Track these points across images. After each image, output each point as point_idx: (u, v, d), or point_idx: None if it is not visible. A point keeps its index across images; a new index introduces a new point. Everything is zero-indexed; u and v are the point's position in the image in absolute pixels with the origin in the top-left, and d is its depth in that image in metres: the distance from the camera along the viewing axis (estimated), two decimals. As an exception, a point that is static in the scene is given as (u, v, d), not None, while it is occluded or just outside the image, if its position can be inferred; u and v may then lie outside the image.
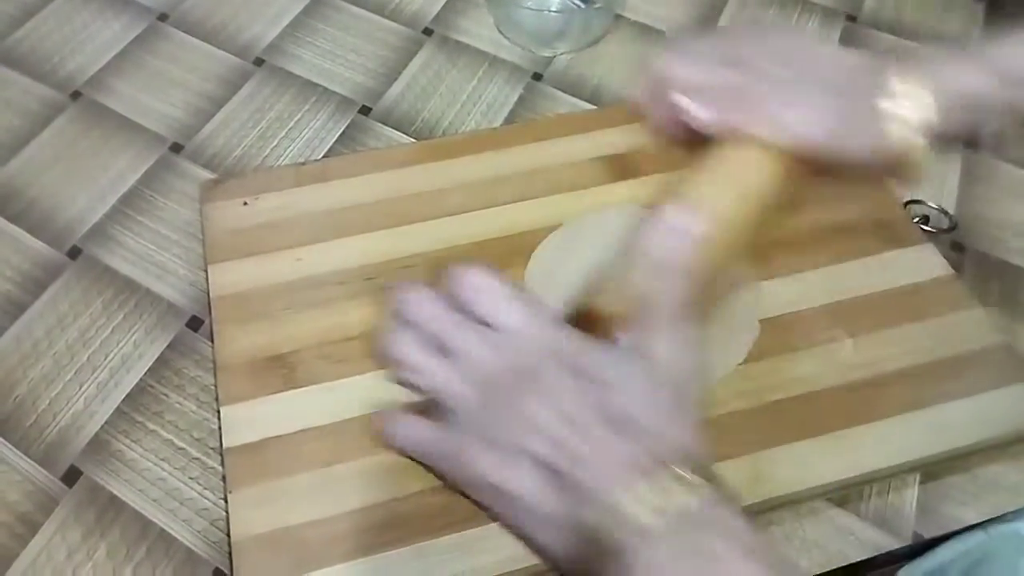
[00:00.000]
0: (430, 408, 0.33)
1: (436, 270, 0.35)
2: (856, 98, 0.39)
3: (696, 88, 0.40)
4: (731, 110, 0.40)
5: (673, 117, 0.42)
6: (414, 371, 0.33)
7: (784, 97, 0.40)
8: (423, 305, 0.34)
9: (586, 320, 0.33)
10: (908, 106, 0.37)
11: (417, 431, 0.34)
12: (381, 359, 0.34)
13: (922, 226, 0.47)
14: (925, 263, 0.45)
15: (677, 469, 0.28)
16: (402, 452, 0.34)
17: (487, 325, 0.33)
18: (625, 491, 0.27)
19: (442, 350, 0.33)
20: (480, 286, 0.34)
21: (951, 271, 0.44)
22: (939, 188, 0.50)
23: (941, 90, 0.38)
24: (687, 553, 0.26)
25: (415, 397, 0.33)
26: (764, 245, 0.45)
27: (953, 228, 0.48)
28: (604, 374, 0.31)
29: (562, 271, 0.43)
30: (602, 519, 0.27)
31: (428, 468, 0.33)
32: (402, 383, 0.34)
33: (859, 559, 0.38)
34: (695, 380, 0.32)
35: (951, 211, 0.49)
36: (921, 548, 0.39)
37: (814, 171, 0.41)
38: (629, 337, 0.32)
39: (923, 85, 0.38)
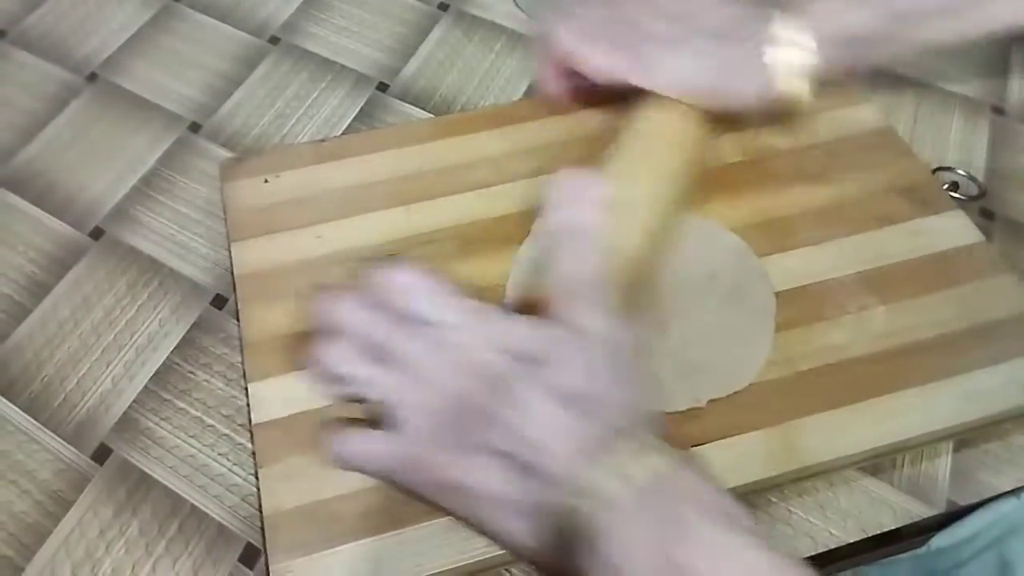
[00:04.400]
0: (376, 420, 0.31)
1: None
2: (739, 45, 0.41)
3: (583, 40, 0.43)
4: (616, 57, 0.42)
5: (565, 74, 0.44)
6: (355, 383, 0.31)
7: (665, 47, 0.41)
8: (354, 311, 0.32)
9: (528, 309, 0.33)
10: (791, 51, 0.39)
11: (369, 446, 0.31)
12: (314, 373, 0.32)
13: (951, 193, 0.46)
14: (955, 230, 0.44)
15: (634, 436, 0.28)
16: (359, 470, 0.32)
17: (423, 324, 0.32)
18: (586, 467, 0.27)
19: (380, 356, 0.31)
20: (411, 285, 0.32)
21: (981, 237, 0.44)
22: (968, 155, 0.50)
23: (824, 31, 0.39)
24: (656, 520, 0.25)
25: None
26: (792, 216, 0.44)
27: (982, 195, 0.48)
28: (545, 354, 0.30)
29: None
30: (568, 499, 0.27)
31: (386, 481, 0.32)
32: (341, 397, 0.32)
33: (893, 527, 0.38)
34: (630, 344, 0.31)
35: (980, 178, 0.48)
36: (952, 517, 0.39)
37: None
38: (559, 314, 0.31)
39: (805, 28, 0.39)
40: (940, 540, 0.38)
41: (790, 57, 0.39)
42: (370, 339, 0.32)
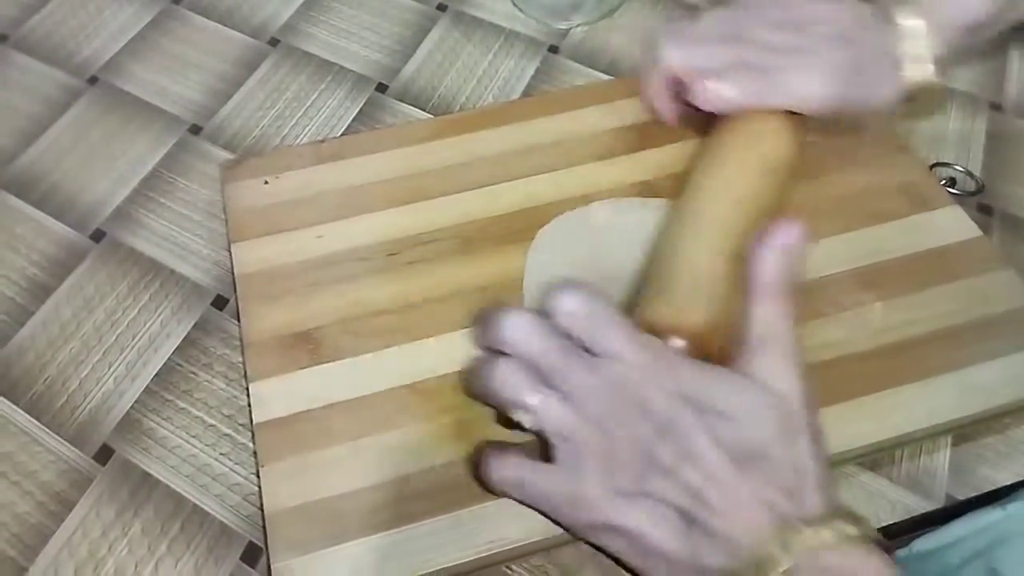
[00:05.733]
0: (537, 445, 0.31)
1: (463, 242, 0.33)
2: (866, 46, 0.40)
3: (703, 71, 0.40)
4: (744, 86, 0.40)
5: (678, 103, 0.42)
6: (522, 408, 0.31)
7: (793, 62, 0.40)
8: (529, 333, 0.31)
9: (652, 331, 0.33)
10: (920, 44, 0.39)
11: (528, 475, 0.31)
12: (480, 394, 0.32)
13: (949, 188, 0.47)
14: (953, 225, 0.44)
15: (810, 507, 0.27)
16: (509, 495, 0.32)
17: (589, 352, 0.31)
18: (759, 536, 0.26)
19: (547, 382, 0.30)
20: (578, 311, 0.31)
21: (979, 233, 0.44)
22: (965, 150, 0.50)
23: (945, 20, 0.39)
24: None
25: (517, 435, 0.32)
26: (790, 213, 0.44)
27: (980, 190, 0.48)
28: (728, 407, 0.29)
29: (561, 267, 0.43)
30: (734, 565, 0.26)
31: (534, 508, 0.32)
32: (504, 421, 0.32)
33: (891, 522, 0.38)
34: (814, 407, 0.30)
35: (977, 173, 0.48)
36: (947, 515, 0.39)
37: (832, 125, 0.42)
38: (745, 363, 0.31)
39: (929, 21, 0.39)
40: (922, 543, 0.38)
41: (919, 50, 0.39)
42: (537, 363, 0.31)
